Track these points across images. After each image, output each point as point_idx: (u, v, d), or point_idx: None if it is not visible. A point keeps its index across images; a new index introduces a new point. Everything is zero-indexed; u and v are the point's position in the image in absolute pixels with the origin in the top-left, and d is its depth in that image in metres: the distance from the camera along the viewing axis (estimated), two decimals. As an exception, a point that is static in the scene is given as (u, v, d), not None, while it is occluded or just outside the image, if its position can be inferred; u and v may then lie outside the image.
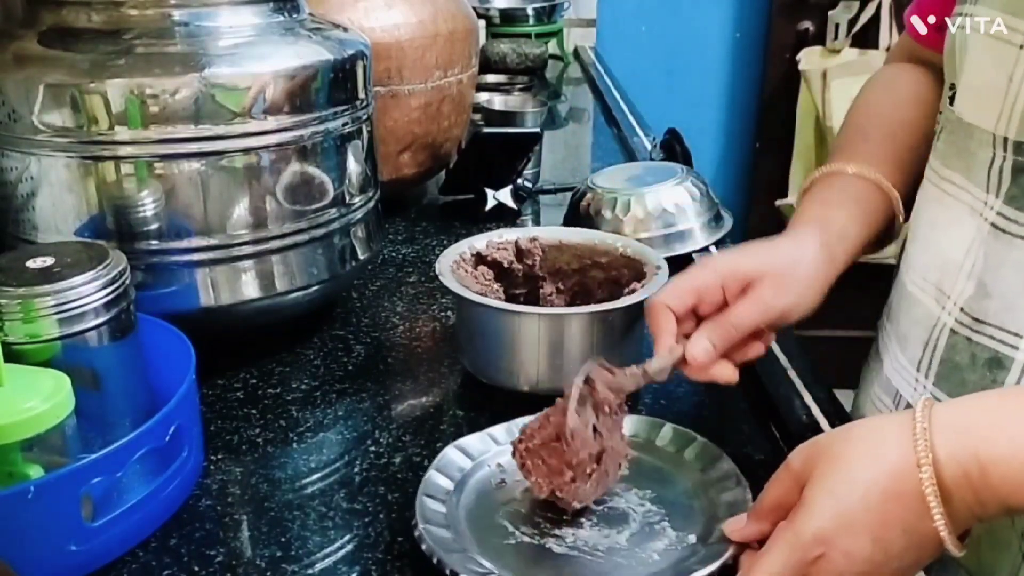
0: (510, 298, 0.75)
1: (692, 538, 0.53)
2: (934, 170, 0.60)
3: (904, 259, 0.64)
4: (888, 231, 0.66)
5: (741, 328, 0.57)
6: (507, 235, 0.76)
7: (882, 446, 0.44)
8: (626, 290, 0.70)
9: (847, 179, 0.64)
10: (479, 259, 0.75)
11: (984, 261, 0.54)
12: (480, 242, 0.75)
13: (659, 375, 0.57)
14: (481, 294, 0.70)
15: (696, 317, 0.59)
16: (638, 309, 0.66)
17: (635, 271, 0.72)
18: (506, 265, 0.76)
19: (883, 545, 0.43)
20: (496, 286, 0.75)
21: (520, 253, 0.76)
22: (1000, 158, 0.53)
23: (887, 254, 0.73)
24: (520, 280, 0.77)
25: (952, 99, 0.57)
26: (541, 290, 0.77)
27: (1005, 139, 0.52)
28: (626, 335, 0.68)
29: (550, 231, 0.78)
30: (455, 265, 0.72)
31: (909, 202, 0.65)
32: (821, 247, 0.60)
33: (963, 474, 0.42)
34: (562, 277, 0.77)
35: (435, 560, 0.49)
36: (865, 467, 0.43)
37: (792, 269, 0.58)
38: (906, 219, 0.66)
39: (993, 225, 0.54)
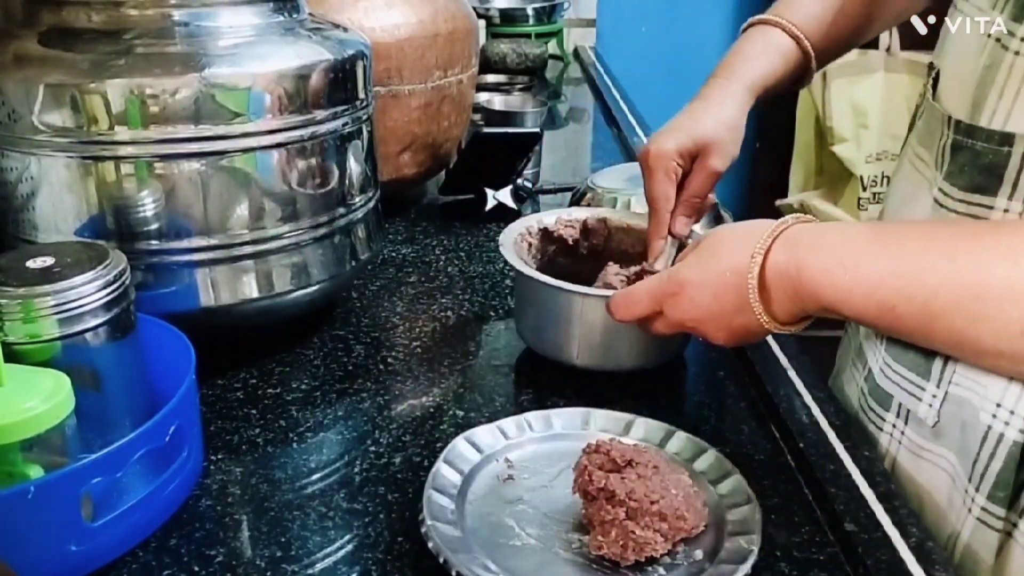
0: (574, 274, 0.74)
1: (699, 554, 0.52)
2: (911, 147, 0.64)
3: None
4: (800, 79, 0.79)
5: (701, 194, 0.73)
6: (576, 213, 0.80)
7: (744, 241, 0.57)
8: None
9: (770, 31, 0.77)
10: (545, 234, 0.79)
11: None
12: (549, 218, 0.80)
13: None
14: (540, 268, 0.74)
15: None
16: None
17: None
18: (571, 242, 0.79)
19: (719, 303, 0.58)
20: (561, 261, 0.79)
21: (587, 231, 0.80)
22: (945, 136, 0.56)
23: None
24: (585, 257, 0.80)
25: (935, 81, 0.61)
26: (606, 268, 0.77)
27: (950, 118, 0.55)
28: None
29: (620, 213, 0.82)
30: (519, 238, 0.76)
31: (830, 52, 0.78)
32: (742, 105, 0.74)
33: (782, 274, 0.55)
34: (626, 260, 0.78)
35: (441, 559, 0.49)
36: (728, 251, 0.58)
37: (731, 134, 0.73)
38: (818, 68, 0.78)
39: (935, 200, 0.57)
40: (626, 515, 0.51)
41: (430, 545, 0.50)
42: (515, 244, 0.74)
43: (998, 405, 0.52)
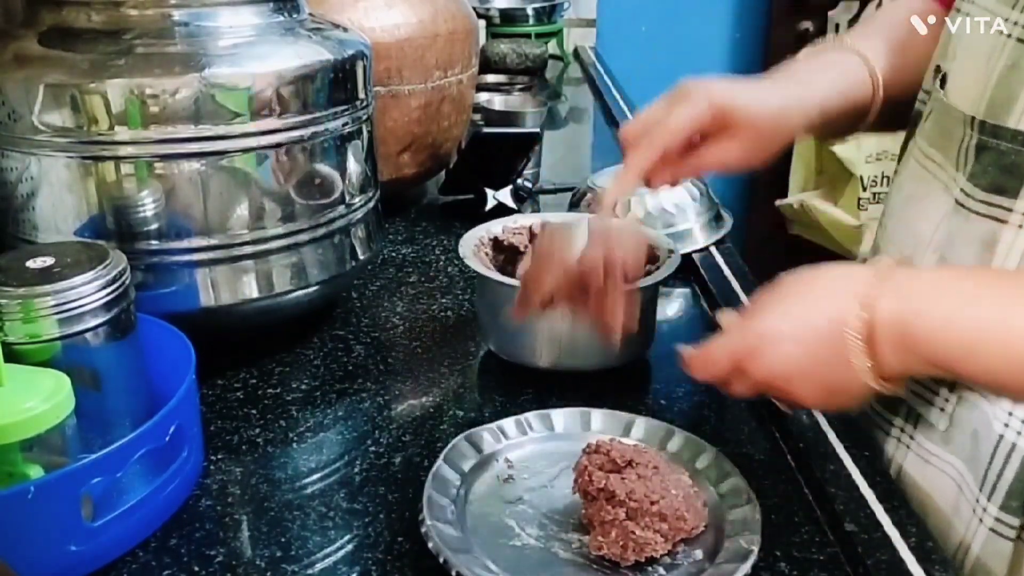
0: None
1: (699, 554, 0.52)
2: (919, 148, 0.62)
3: (882, 233, 0.67)
4: (863, 116, 0.67)
5: (699, 170, 0.62)
6: (521, 220, 0.80)
7: (842, 287, 0.49)
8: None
9: (845, 54, 0.67)
10: (495, 243, 0.78)
11: (946, 236, 0.57)
12: (496, 227, 0.79)
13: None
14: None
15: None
16: (653, 290, 0.73)
17: (647, 255, 0.74)
18: (521, 248, 0.79)
19: (813, 357, 0.49)
20: (510, 269, 0.78)
21: (534, 238, 0.79)
22: (968, 137, 0.55)
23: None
24: None
25: (943, 82, 0.59)
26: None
27: (973, 119, 0.54)
28: (642, 313, 0.70)
29: (562, 216, 0.82)
30: (476, 248, 0.75)
31: (895, 97, 0.66)
32: (803, 111, 0.62)
33: (892, 328, 0.47)
34: None
35: (441, 559, 0.49)
36: (820, 297, 0.50)
37: (771, 130, 0.60)
38: (884, 104, 0.67)
39: (956, 201, 0.56)
40: (626, 515, 0.51)
41: (430, 545, 0.50)
42: (475, 255, 0.74)
43: (1010, 414, 0.52)
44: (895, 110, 0.67)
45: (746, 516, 0.53)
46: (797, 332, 0.49)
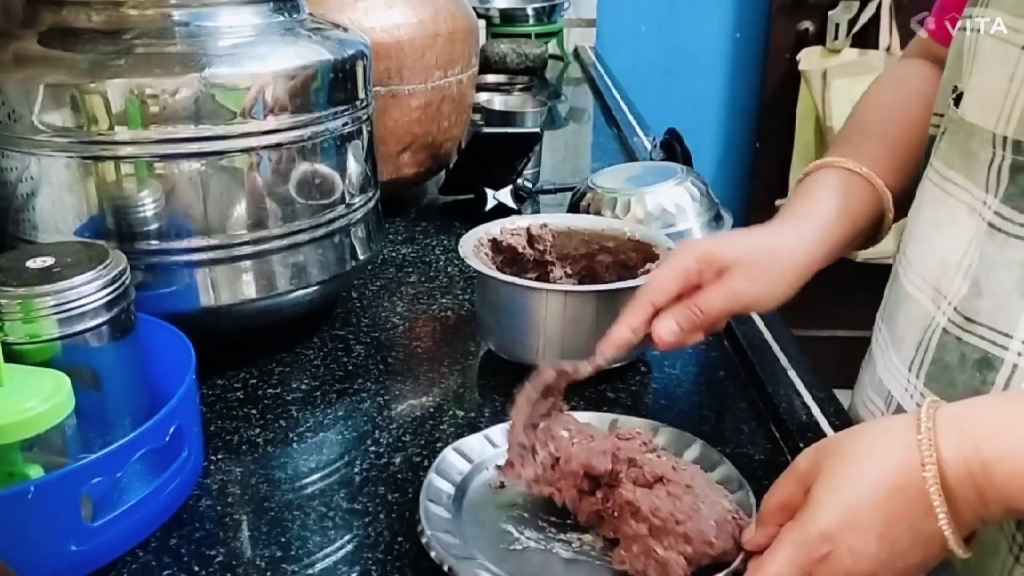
0: None
1: None
2: (936, 171, 0.59)
3: (902, 260, 0.63)
4: (876, 228, 0.66)
5: (709, 314, 0.59)
6: (519, 221, 0.80)
7: (888, 445, 0.44)
8: (640, 270, 0.74)
9: (839, 173, 0.65)
10: (494, 244, 0.78)
11: (979, 260, 0.54)
12: (495, 228, 0.78)
13: (609, 363, 0.60)
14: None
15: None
16: None
17: (645, 254, 0.76)
18: (520, 250, 0.79)
19: (889, 543, 0.43)
20: (508, 270, 0.78)
21: (532, 239, 0.79)
22: (1000, 157, 0.53)
23: (885, 252, 0.72)
24: (531, 265, 0.80)
25: (957, 101, 0.57)
26: (551, 274, 0.80)
27: (1004, 138, 0.52)
28: None
29: (560, 217, 0.82)
30: (476, 248, 0.75)
31: (907, 201, 0.64)
32: (801, 242, 0.61)
33: (967, 473, 0.42)
34: (570, 261, 0.80)
35: (446, 568, 0.49)
36: (871, 466, 0.44)
37: (767, 262, 0.60)
38: (898, 218, 0.66)
39: (990, 224, 0.53)
40: (648, 532, 0.49)
41: (433, 555, 0.50)
42: (475, 255, 0.74)
43: None
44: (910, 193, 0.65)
45: (740, 502, 0.53)
46: (865, 519, 0.43)
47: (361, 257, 0.78)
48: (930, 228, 0.59)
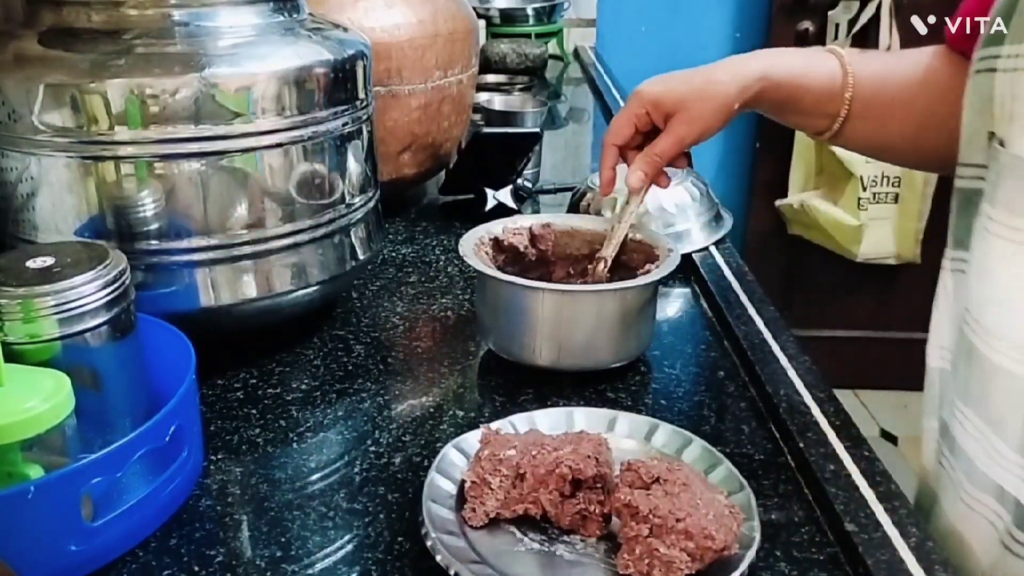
0: None
1: None
2: (998, 222, 0.53)
3: (978, 330, 0.55)
4: (828, 96, 0.71)
5: (664, 157, 0.73)
6: (521, 221, 0.80)
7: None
8: (640, 271, 0.74)
9: (820, 48, 0.74)
10: (496, 244, 0.78)
11: None
12: (496, 227, 0.79)
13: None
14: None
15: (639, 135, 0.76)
16: (652, 290, 0.73)
17: (646, 254, 0.76)
18: (522, 249, 0.79)
19: None
20: (510, 270, 0.78)
21: (534, 238, 0.80)
22: None
23: (885, 252, 0.72)
24: (532, 264, 0.80)
25: (1003, 142, 0.52)
26: (553, 274, 0.80)
27: None
28: (642, 312, 0.72)
29: (562, 217, 0.82)
30: (476, 248, 0.75)
31: (871, 101, 0.70)
32: (735, 84, 0.71)
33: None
34: (572, 261, 0.81)
35: (452, 572, 0.49)
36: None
37: (700, 104, 0.71)
38: (848, 119, 0.71)
39: None
40: (650, 532, 0.49)
41: (439, 559, 0.50)
42: (475, 254, 0.74)
43: None
44: (872, 126, 0.71)
45: (741, 503, 0.53)
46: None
47: (361, 257, 0.78)
48: (1011, 288, 0.53)
